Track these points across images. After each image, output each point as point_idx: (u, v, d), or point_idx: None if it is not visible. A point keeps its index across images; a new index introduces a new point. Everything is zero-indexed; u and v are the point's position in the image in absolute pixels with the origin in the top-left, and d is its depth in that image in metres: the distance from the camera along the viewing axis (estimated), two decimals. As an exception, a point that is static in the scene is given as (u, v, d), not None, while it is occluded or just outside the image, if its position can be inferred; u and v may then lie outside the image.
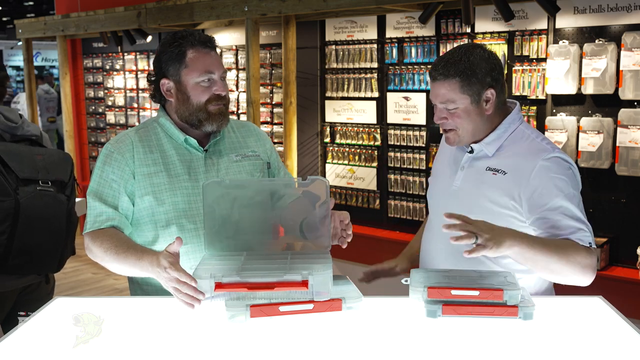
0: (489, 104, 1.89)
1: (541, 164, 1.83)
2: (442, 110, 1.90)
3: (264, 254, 1.89)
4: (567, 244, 1.79)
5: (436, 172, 2.15)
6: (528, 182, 1.83)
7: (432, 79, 1.89)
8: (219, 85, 1.98)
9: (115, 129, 6.75)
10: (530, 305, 1.66)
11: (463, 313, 1.66)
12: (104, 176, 1.98)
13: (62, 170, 2.49)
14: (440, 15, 4.16)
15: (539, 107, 3.84)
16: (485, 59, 1.87)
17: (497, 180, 1.89)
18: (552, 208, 1.81)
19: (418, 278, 1.76)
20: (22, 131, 2.48)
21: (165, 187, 1.97)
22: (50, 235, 2.40)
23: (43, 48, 16.09)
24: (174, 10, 4.97)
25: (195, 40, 1.97)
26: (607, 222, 3.63)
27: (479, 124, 1.90)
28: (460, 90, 1.85)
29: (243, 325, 1.64)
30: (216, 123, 1.99)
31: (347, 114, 4.81)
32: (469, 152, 1.97)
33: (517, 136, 1.93)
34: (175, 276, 1.66)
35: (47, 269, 2.48)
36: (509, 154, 1.91)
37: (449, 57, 1.87)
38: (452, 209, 1.91)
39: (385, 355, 1.49)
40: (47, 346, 1.55)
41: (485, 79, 1.85)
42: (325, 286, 1.67)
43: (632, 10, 3.47)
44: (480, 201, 1.90)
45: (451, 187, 1.99)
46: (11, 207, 2.28)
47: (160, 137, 2.03)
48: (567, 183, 1.84)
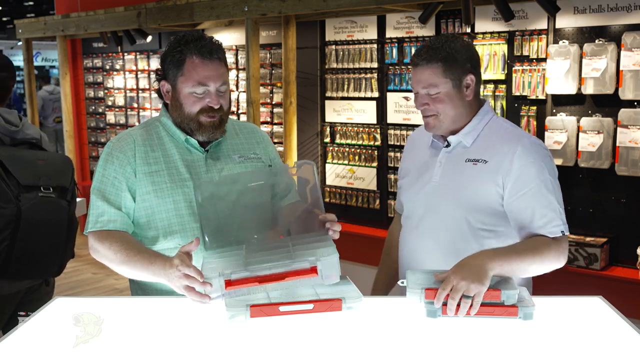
0: (469, 90, 1.95)
1: (521, 149, 1.89)
2: (424, 97, 1.95)
3: (263, 245, 1.87)
4: (539, 243, 1.83)
5: (408, 172, 2.15)
6: (510, 167, 1.89)
7: (414, 66, 1.96)
8: (213, 97, 1.94)
9: (115, 129, 6.75)
10: (530, 305, 1.66)
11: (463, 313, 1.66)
12: (106, 174, 1.98)
13: (64, 176, 2.48)
14: (440, 15, 4.16)
15: (539, 107, 3.84)
16: (465, 47, 1.95)
17: (478, 170, 1.93)
18: (529, 194, 1.87)
19: (415, 280, 1.75)
20: (22, 135, 2.47)
21: (166, 186, 1.97)
22: (51, 241, 2.39)
23: (43, 48, 16.10)
24: (174, 10, 4.97)
25: (196, 49, 1.92)
26: (607, 222, 3.63)
27: (460, 110, 1.96)
28: (442, 75, 1.91)
29: (243, 325, 1.64)
30: (207, 134, 1.98)
31: (347, 114, 4.81)
32: (445, 147, 2.00)
33: (493, 126, 1.99)
34: (185, 272, 1.66)
35: (47, 273, 2.48)
36: (487, 144, 1.96)
37: (431, 44, 1.93)
38: (434, 204, 1.98)
39: (385, 355, 1.49)
40: (47, 346, 1.55)
41: (465, 64, 1.92)
42: (334, 269, 1.68)
43: (632, 10, 3.47)
44: (463, 193, 1.94)
45: (430, 184, 2.01)
46: (13, 214, 2.27)
47: (162, 136, 2.03)
48: (544, 169, 1.90)
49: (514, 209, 1.90)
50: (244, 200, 1.97)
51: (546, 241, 1.84)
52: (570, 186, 3.75)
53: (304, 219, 1.93)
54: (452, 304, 1.63)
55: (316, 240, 1.82)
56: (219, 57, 1.95)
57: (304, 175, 1.94)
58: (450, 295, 1.63)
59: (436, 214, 1.99)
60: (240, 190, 1.97)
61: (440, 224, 1.98)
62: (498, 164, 1.90)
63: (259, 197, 2.02)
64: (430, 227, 2.00)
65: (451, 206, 1.95)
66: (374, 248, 4.39)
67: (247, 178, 2.02)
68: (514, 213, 1.90)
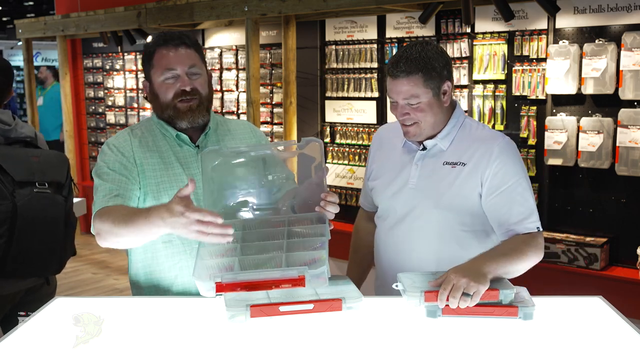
0: (446, 96, 1.97)
1: (498, 150, 1.94)
2: (404, 107, 1.95)
3: (260, 236, 1.86)
4: (520, 243, 1.88)
5: (380, 173, 2.13)
6: (488, 167, 1.93)
7: (393, 77, 1.94)
8: (183, 80, 1.97)
9: (115, 129, 6.75)
10: (530, 306, 1.66)
11: (463, 313, 1.66)
12: (107, 160, 1.96)
13: (59, 172, 2.48)
14: (440, 15, 4.16)
15: (539, 107, 3.84)
16: (440, 54, 1.95)
17: (457, 173, 1.96)
18: (506, 192, 1.93)
19: (410, 282, 1.75)
20: (15, 133, 2.47)
21: (162, 180, 1.98)
22: (48, 237, 2.39)
23: (43, 48, 16.07)
24: (174, 10, 4.97)
25: (162, 40, 1.99)
26: (607, 222, 3.63)
27: (439, 116, 1.98)
28: (423, 85, 1.91)
29: (243, 325, 1.64)
30: (186, 119, 1.99)
31: (347, 114, 4.81)
32: (421, 150, 2.02)
33: (465, 128, 2.03)
34: (197, 217, 1.59)
35: (47, 271, 2.48)
36: (463, 146, 1.99)
37: (408, 55, 1.92)
38: (413, 207, 2.00)
39: (385, 355, 1.49)
40: (47, 346, 1.55)
41: (443, 72, 1.93)
42: (322, 279, 1.67)
43: (632, 10, 3.47)
44: (444, 197, 1.96)
45: (407, 186, 2.02)
46: (8, 211, 2.27)
47: (156, 134, 2.05)
48: (519, 165, 1.96)
49: (492, 206, 1.94)
50: (248, 172, 1.99)
51: (525, 239, 1.89)
52: (570, 186, 3.75)
53: (306, 197, 1.92)
54: (453, 302, 1.64)
55: (312, 234, 1.83)
56: (184, 42, 1.99)
57: (310, 153, 1.91)
58: (451, 294, 1.64)
59: (416, 216, 2.00)
60: (244, 163, 1.98)
61: (421, 226, 2.00)
62: (476, 165, 1.95)
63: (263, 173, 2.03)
64: (409, 229, 2.02)
65: (431, 209, 1.97)
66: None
67: (253, 150, 2.04)
68: (492, 211, 1.95)
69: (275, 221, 1.91)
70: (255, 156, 2.02)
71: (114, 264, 5.77)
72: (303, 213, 1.92)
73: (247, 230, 1.87)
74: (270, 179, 2.06)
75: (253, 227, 1.89)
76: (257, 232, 1.86)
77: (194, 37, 2.04)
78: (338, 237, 2.00)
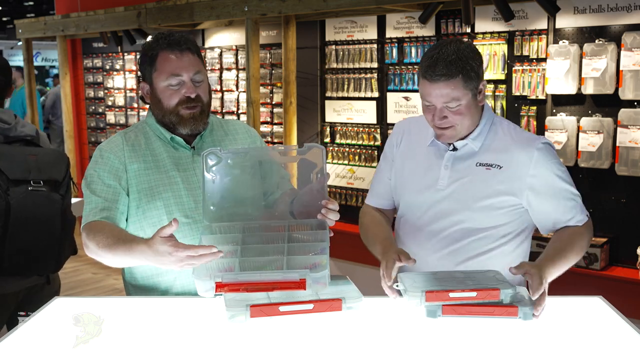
0: (481, 95, 1.93)
1: (538, 154, 1.90)
2: (443, 110, 1.88)
3: (260, 239, 1.86)
4: (573, 237, 1.91)
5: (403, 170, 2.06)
6: (530, 172, 1.89)
7: (431, 81, 1.85)
8: (189, 87, 1.95)
9: (115, 129, 6.75)
10: (530, 305, 1.66)
11: (463, 313, 1.66)
12: (98, 170, 1.97)
13: (56, 170, 2.47)
14: (440, 15, 4.16)
15: (539, 107, 3.84)
16: (475, 51, 1.90)
17: (493, 175, 1.92)
18: (553, 195, 1.92)
19: (411, 282, 1.74)
20: (15, 132, 2.47)
21: (156, 184, 1.97)
22: (44, 235, 2.38)
23: (43, 48, 16.09)
24: (174, 10, 4.97)
25: (165, 42, 1.96)
26: (607, 222, 3.63)
27: (475, 117, 1.94)
28: (463, 87, 1.85)
29: (243, 325, 1.64)
30: (189, 127, 1.98)
31: (347, 114, 4.81)
32: (452, 150, 1.97)
33: (496, 126, 1.98)
34: (188, 254, 1.61)
35: (45, 269, 2.47)
36: (497, 147, 1.94)
37: (444, 56, 1.84)
38: (443, 210, 1.95)
39: (385, 355, 1.49)
40: (47, 346, 1.55)
41: (479, 71, 1.89)
42: (323, 283, 1.67)
43: (632, 10, 3.47)
44: (477, 198, 1.92)
45: (436, 187, 1.97)
46: (2, 208, 2.27)
47: (150, 137, 2.04)
48: (560, 165, 1.95)
49: (541, 211, 1.94)
50: (249, 175, 1.98)
51: (579, 231, 1.93)
52: (570, 186, 3.75)
53: (305, 202, 1.92)
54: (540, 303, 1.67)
55: (313, 240, 1.83)
56: (188, 48, 1.98)
57: (311, 159, 1.90)
58: (542, 295, 1.67)
59: (445, 218, 1.95)
60: (245, 165, 1.97)
61: (447, 227, 1.95)
62: (516, 170, 1.90)
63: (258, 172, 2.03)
64: (435, 230, 1.97)
65: (463, 211, 1.93)
66: (374, 248, 4.40)
67: (256, 153, 2.03)
68: (542, 215, 1.95)
69: (275, 225, 1.91)
70: (258, 158, 2.02)
71: (114, 264, 5.76)
72: (302, 218, 1.92)
73: (247, 233, 1.87)
74: (266, 180, 2.06)
75: (253, 230, 1.88)
76: (257, 236, 1.86)
77: (194, 40, 2.03)
78: (338, 237, 2.00)
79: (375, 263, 2.24)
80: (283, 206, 2.00)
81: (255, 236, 1.86)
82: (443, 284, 1.73)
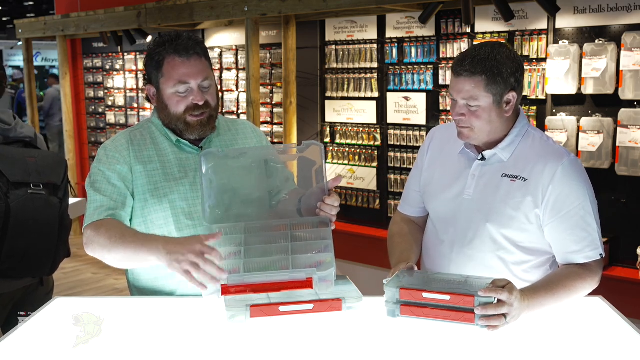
0: (509, 106, 1.84)
1: (561, 170, 1.83)
2: (462, 107, 1.85)
3: (263, 239, 1.86)
4: (574, 278, 1.79)
5: (433, 178, 2.04)
6: (549, 186, 1.82)
7: (456, 75, 1.83)
8: (197, 94, 1.91)
9: (115, 129, 6.75)
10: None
11: (420, 315, 1.64)
12: (102, 169, 1.95)
13: (55, 173, 2.47)
14: (440, 15, 4.16)
15: (539, 107, 3.84)
16: (512, 59, 1.82)
17: (517, 187, 1.86)
18: (567, 217, 1.82)
19: (402, 279, 1.74)
20: (15, 133, 2.46)
21: (162, 185, 1.95)
22: (42, 238, 2.38)
23: (43, 48, 16.08)
24: (174, 10, 4.97)
25: (173, 47, 1.90)
26: (607, 222, 3.58)
27: (497, 126, 1.87)
28: (485, 89, 1.80)
29: (243, 325, 1.64)
30: (196, 133, 1.96)
31: (347, 114, 4.81)
32: (480, 160, 1.93)
33: (529, 138, 1.91)
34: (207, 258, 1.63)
35: (39, 272, 2.47)
36: (525, 159, 1.88)
37: (476, 54, 1.81)
38: (466, 219, 1.92)
39: (385, 355, 1.49)
40: (47, 346, 1.55)
41: (509, 79, 1.81)
42: (329, 281, 1.68)
43: (632, 10, 3.47)
44: (500, 209, 1.86)
45: (462, 197, 1.93)
46: (2, 211, 2.27)
47: (156, 136, 2.02)
48: (584, 187, 1.84)
49: (552, 230, 1.85)
50: (249, 175, 1.97)
51: (580, 274, 1.80)
52: (570, 186, 3.75)
53: (312, 202, 1.91)
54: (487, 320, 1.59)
55: (315, 237, 1.82)
56: (197, 53, 1.92)
57: (310, 157, 1.89)
58: (496, 307, 1.58)
59: (467, 228, 1.92)
60: (245, 165, 1.96)
61: (470, 237, 1.92)
62: (537, 183, 1.83)
63: (263, 175, 2.02)
64: (457, 240, 1.94)
65: (484, 222, 1.89)
66: (374, 248, 4.40)
67: (254, 153, 2.02)
68: (552, 235, 1.85)
69: (277, 224, 1.90)
70: (257, 158, 2.01)
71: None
72: (309, 216, 1.91)
73: (249, 233, 1.86)
74: (271, 181, 2.05)
75: (255, 231, 1.88)
76: (260, 236, 1.86)
77: (202, 41, 1.98)
78: (338, 237, 2.00)
79: (375, 263, 2.24)
80: (290, 206, 1.99)
81: (258, 236, 1.85)
82: (434, 285, 1.70)
